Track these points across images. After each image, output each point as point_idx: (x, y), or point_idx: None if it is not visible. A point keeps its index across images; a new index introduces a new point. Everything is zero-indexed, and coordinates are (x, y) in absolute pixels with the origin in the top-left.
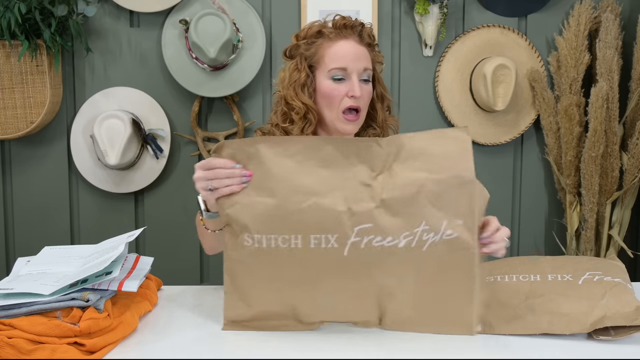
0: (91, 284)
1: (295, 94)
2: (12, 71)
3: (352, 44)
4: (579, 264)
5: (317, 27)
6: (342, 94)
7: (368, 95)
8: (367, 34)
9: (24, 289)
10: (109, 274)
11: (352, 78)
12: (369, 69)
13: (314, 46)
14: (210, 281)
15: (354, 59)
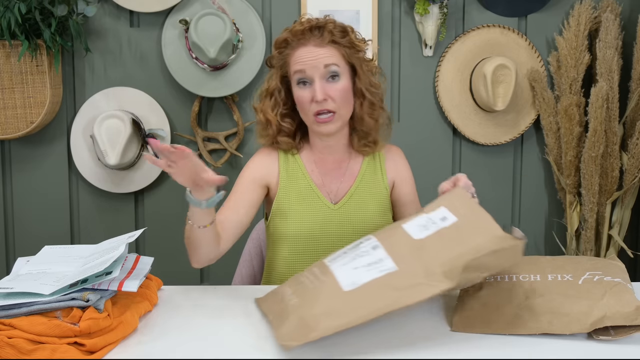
0: (91, 284)
1: (261, 105)
2: (12, 71)
3: (311, 48)
4: (579, 264)
5: (284, 35)
6: (308, 99)
7: (339, 93)
8: (329, 31)
9: (23, 288)
10: (109, 274)
11: (314, 82)
12: (332, 64)
13: (283, 56)
14: (210, 281)
15: (312, 61)
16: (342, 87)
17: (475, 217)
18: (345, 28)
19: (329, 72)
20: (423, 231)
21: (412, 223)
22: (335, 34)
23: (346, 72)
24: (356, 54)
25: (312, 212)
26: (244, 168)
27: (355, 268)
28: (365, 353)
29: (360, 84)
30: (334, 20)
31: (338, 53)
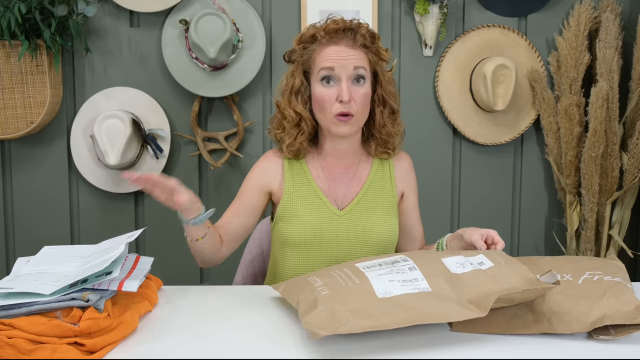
0: (91, 284)
1: (288, 102)
2: (12, 71)
3: (343, 48)
4: (579, 263)
5: (312, 31)
6: (332, 98)
7: (362, 97)
8: (362, 35)
9: (24, 288)
10: (109, 274)
11: (341, 81)
12: (360, 67)
13: (307, 51)
14: (210, 281)
15: (343, 60)
16: (365, 92)
17: (511, 266)
18: (375, 35)
19: (356, 74)
20: (460, 268)
21: (451, 259)
22: (367, 39)
23: (369, 78)
24: (380, 62)
25: (317, 218)
26: (248, 172)
27: (391, 281)
28: (366, 353)
29: (382, 91)
30: (367, 25)
31: (366, 58)
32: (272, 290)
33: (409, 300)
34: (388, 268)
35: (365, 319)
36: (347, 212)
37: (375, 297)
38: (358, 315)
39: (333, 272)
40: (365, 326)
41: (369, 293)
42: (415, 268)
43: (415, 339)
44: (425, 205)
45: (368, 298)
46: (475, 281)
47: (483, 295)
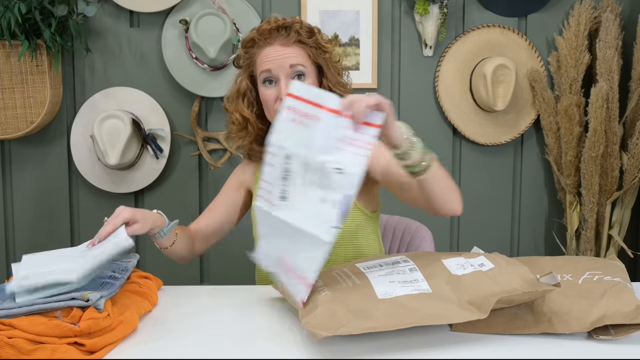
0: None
1: (235, 106)
2: (12, 71)
3: (277, 47)
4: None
5: (250, 35)
6: (273, 98)
7: None
8: (296, 31)
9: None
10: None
11: (280, 81)
12: (298, 65)
13: (249, 55)
14: (210, 281)
15: (278, 60)
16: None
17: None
18: (312, 29)
19: (294, 71)
20: (461, 269)
21: (451, 261)
22: (301, 34)
23: (312, 72)
24: (322, 55)
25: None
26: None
27: (391, 282)
28: (366, 353)
29: (327, 83)
30: (300, 21)
31: (304, 53)
32: (272, 290)
33: (409, 301)
34: (389, 269)
35: (365, 320)
36: None
37: (376, 297)
38: (358, 316)
39: (333, 272)
40: (366, 327)
41: (369, 294)
42: (416, 269)
43: (415, 340)
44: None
45: (368, 299)
46: (475, 283)
47: (483, 296)
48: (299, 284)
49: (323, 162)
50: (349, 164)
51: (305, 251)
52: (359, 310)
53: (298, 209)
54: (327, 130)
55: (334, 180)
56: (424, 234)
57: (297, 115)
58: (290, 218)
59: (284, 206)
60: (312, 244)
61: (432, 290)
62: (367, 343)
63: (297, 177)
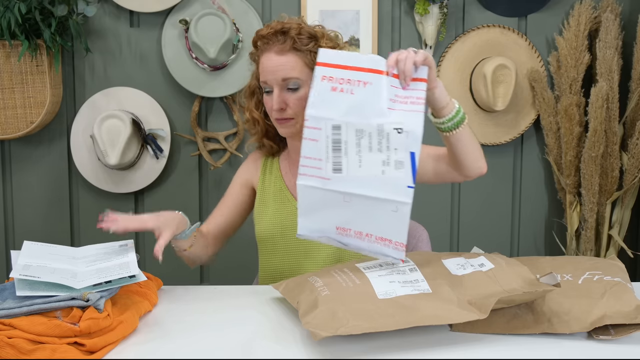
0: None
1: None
2: (12, 71)
3: (272, 56)
4: (579, 263)
5: (255, 37)
6: (269, 107)
7: (297, 102)
8: (291, 38)
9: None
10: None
11: (274, 91)
12: (291, 79)
13: (255, 56)
14: (210, 281)
15: (272, 72)
16: (301, 96)
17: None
18: (314, 34)
19: (287, 84)
20: (461, 270)
21: (451, 261)
22: (297, 41)
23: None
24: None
25: (281, 215)
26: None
27: (391, 282)
28: (366, 353)
29: None
30: (301, 26)
31: (300, 61)
32: (272, 290)
33: (409, 301)
34: (389, 269)
35: (365, 320)
36: None
37: (376, 297)
38: (358, 316)
39: (333, 272)
40: (366, 327)
41: (369, 294)
42: (416, 269)
43: (415, 339)
44: (426, 205)
45: (368, 299)
46: (475, 283)
47: (483, 296)
48: (388, 246)
49: (381, 124)
50: (407, 121)
51: (385, 218)
52: (359, 310)
53: (359, 179)
54: (377, 93)
55: (395, 140)
56: (421, 233)
57: (337, 83)
58: (354, 189)
59: (340, 178)
60: (390, 210)
61: (432, 291)
62: (367, 343)
63: (351, 146)
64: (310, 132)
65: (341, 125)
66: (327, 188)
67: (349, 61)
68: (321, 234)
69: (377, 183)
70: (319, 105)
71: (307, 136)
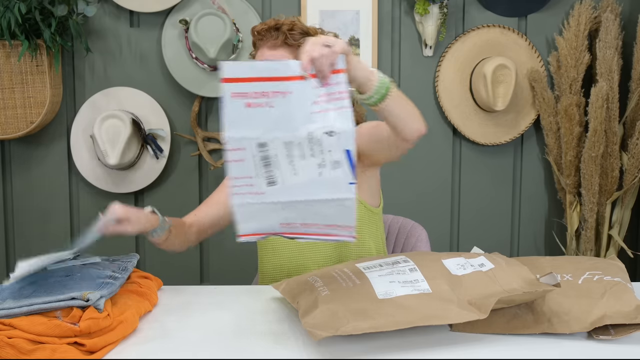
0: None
1: None
2: (12, 71)
3: (264, 51)
4: (579, 263)
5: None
6: None
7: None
8: (283, 32)
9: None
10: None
11: None
12: None
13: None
14: (210, 281)
15: None
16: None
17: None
18: (307, 30)
19: None
20: (461, 269)
21: (451, 261)
22: (289, 36)
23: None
24: None
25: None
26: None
27: (391, 282)
28: (366, 353)
29: None
30: (294, 22)
31: (291, 56)
32: (272, 290)
33: (409, 301)
34: (389, 269)
35: (365, 320)
36: None
37: (376, 297)
38: (358, 317)
39: (333, 272)
40: (366, 327)
41: (369, 294)
42: (416, 269)
43: (416, 339)
44: (426, 205)
45: (368, 299)
46: (475, 283)
47: (483, 296)
48: (337, 229)
49: (310, 132)
50: (336, 122)
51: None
52: (359, 310)
53: (297, 186)
54: (299, 101)
55: (327, 143)
56: (420, 232)
57: (251, 98)
58: (293, 196)
59: (276, 190)
60: (335, 206)
61: (432, 291)
62: (367, 343)
63: (282, 159)
64: (233, 154)
65: (267, 143)
66: (263, 202)
67: (260, 72)
68: (264, 231)
69: (317, 186)
70: (236, 125)
71: (232, 158)
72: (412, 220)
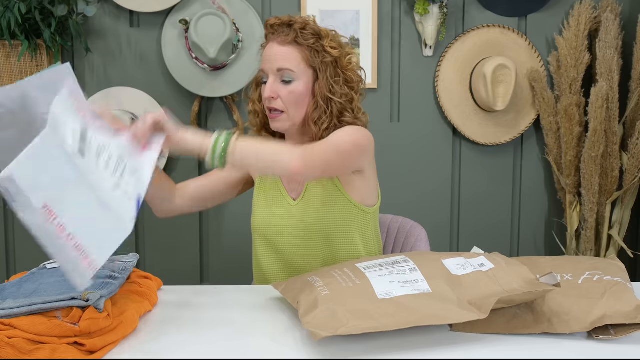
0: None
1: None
2: (12, 71)
3: (273, 45)
4: (579, 263)
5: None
6: (265, 96)
7: (288, 95)
8: (295, 30)
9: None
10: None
11: (268, 79)
12: (286, 70)
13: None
14: (210, 281)
15: (270, 60)
16: (294, 89)
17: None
18: (319, 31)
19: (282, 74)
20: (461, 270)
21: (451, 261)
22: (300, 35)
23: (305, 75)
24: (322, 59)
25: (274, 208)
26: None
27: (391, 282)
28: (366, 353)
29: (317, 89)
30: (307, 22)
31: (299, 55)
32: (272, 290)
33: (409, 301)
34: (389, 269)
35: (365, 320)
36: (299, 203)
37: (376, 297)
38: (358, 316)
39: (334, 272)
40: (366, 327)
41: (369, 294)
42: (416, 269)
43: (415, 339)
44: (425, 205)
45: (368, 299)
46: (475, 283)
47: (483, 296)
48: (80, 263)
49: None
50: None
51: (106, 229)
52: (359, 310)
53: (96, 179)
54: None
55: (127, 179)
56: (419, 232)
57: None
58: (89, 178)
59: (84, 164)
60: (115, 224)
61: (432, 290)
62: (367, 343)
63: (92, 158)
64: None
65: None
66: (75, 161)
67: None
68: (21, 197)
69: (109, 196)
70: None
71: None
72: (411, 220)
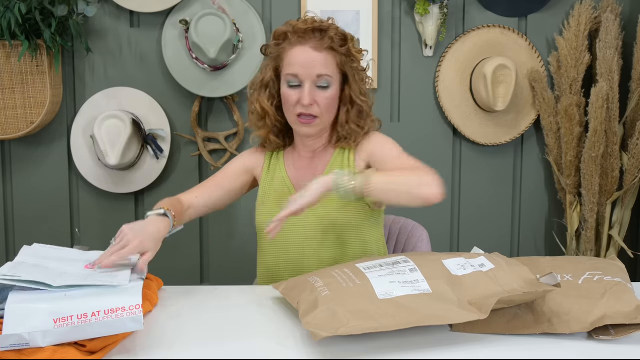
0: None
1: (257, 95)
2: (12, 71)
3: (307, 50)
4: (579, 263)
5: (285, 28)
6: (294, 100)
7: (325, 100)
8: (330, 37)
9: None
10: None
11: (304, 85)
12: (325, 75)
13: (279, 49)
14: (210, 281)
15: (307, 66)
16: (330, 95)
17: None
18: (346, 36)
19: (321, 80)
20: (461, 270)
21: (451, 261)
22: (335, 41)
23: (337, 80)
24: (351, 63)
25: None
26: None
27: (391, 282)
28: (366, 353)
29: (350, 91)
30: (336, 26)
31: (333, 61)
32: (272, 290)
33: (409, 301)
34: (389, 269)
35: (365, 320)
36: None
37: (376, 297)
38: (358, 316)
39: (334, 272)
40: (366, 327)
41: (369, 294)
42: (416, 269)
43: (415, 339)
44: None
45: (368, 299)
46: (475, 283)
47: (483, 297)
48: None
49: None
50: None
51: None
52: (359, 310)
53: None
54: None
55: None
56: (420, 233)
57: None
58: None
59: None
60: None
61: (432, 290)
62: (367, 343)
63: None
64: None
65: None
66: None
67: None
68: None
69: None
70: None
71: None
72: (412, 221)
